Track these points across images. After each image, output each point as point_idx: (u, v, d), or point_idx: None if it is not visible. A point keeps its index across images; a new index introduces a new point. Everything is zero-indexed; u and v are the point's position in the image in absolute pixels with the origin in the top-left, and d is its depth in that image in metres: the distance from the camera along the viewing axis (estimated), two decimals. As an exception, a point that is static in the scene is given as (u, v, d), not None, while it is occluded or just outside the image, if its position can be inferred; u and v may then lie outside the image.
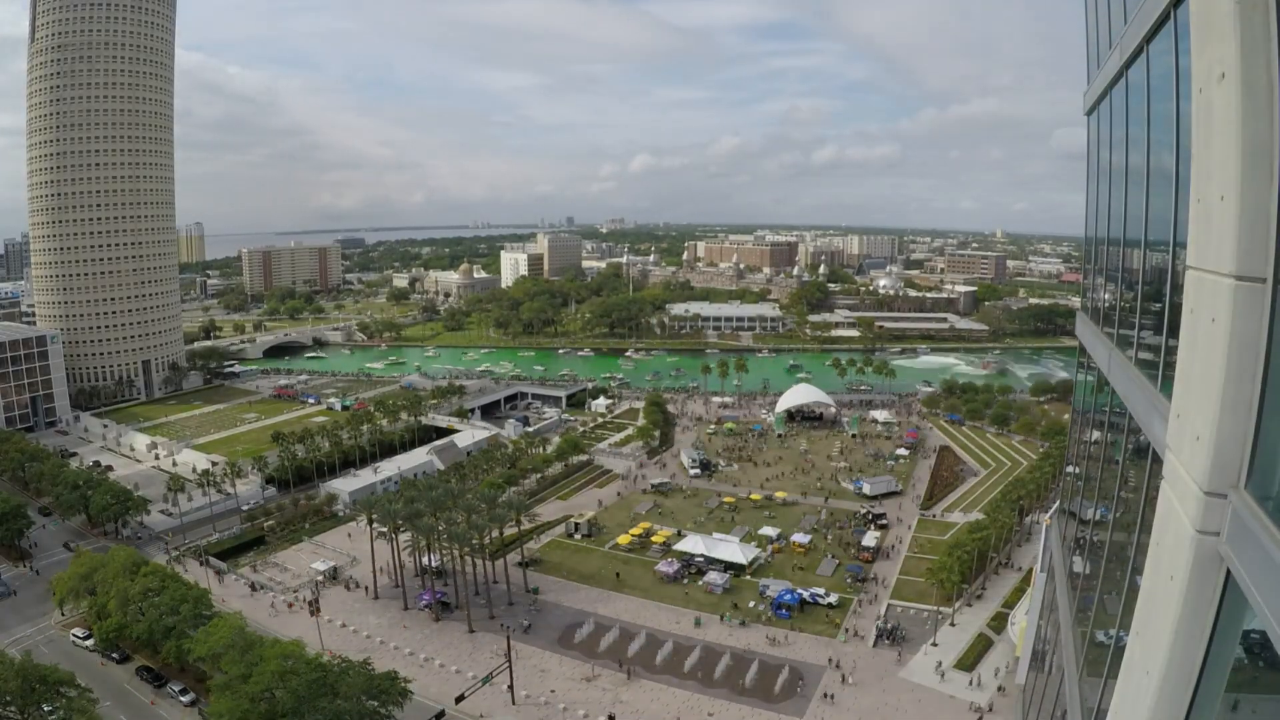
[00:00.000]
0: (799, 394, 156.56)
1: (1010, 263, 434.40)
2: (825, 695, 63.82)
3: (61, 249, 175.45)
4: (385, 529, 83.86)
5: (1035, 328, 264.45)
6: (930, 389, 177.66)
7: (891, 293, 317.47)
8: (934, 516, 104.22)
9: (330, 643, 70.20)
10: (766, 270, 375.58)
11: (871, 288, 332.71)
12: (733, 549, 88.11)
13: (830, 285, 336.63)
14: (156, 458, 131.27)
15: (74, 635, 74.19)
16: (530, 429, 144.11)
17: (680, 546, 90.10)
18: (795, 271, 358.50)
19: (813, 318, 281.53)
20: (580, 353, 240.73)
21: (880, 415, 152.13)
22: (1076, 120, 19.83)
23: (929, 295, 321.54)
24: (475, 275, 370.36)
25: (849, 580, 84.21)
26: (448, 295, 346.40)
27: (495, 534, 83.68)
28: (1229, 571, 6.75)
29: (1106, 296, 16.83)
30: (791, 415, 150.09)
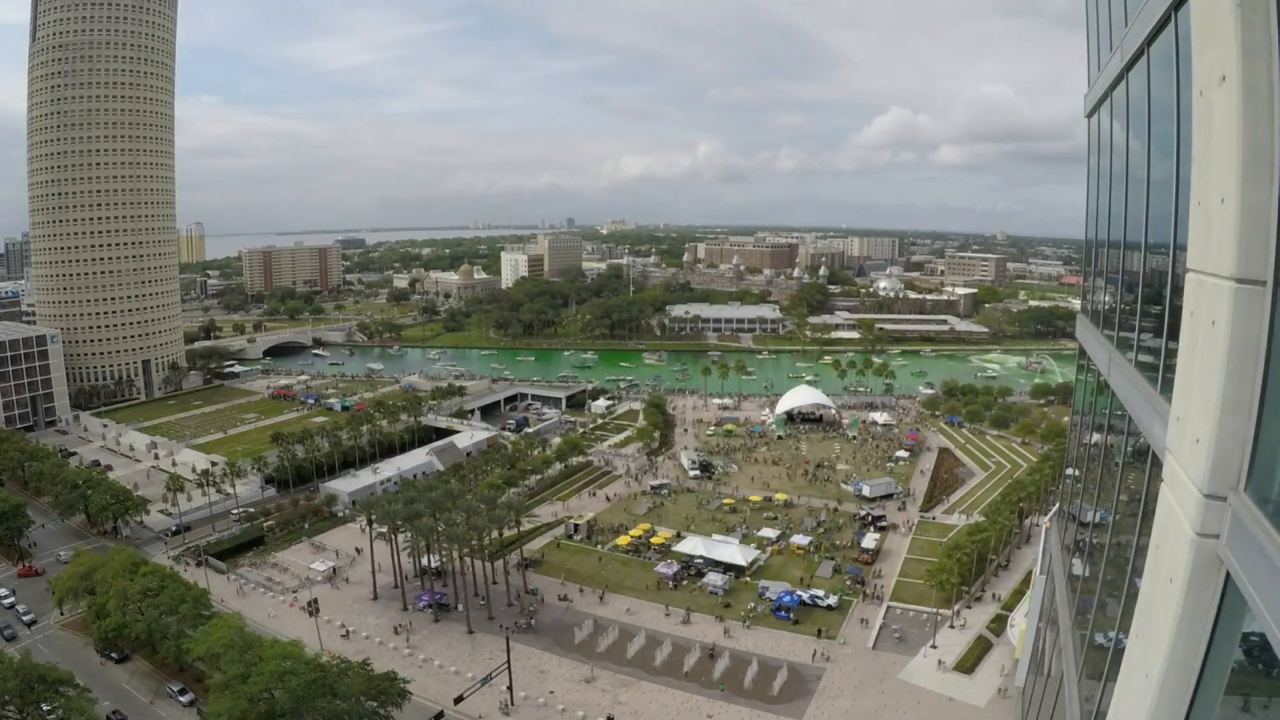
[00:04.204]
0: (799, 396, 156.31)
1: (1010, 265, 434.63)
2: (824, 697, 63.68)
3: (61, 248, 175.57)
4: (384, 530, 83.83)
5: (1035, 330, 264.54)
6: (930, 391, 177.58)
7: (892, 295, 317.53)
8: (934, 518, 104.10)
9: (329, 643, 70.10)
10: (767, 272, 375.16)
11: (872, 290, 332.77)
12: (732, 551, 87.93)
13: (830, 287, 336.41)
14: (156, 458, 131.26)
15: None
16: (530, 429, 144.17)
17: (680, 548, 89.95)
18: (795, 273, 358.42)
19: (813, 319, 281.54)
20: (585, 354, 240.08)
21: (880, 417, 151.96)
22: (1078, 123, 19.88)
23: (929, 297, 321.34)
24: (476, 276, 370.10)
25: (848, 582, 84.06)
26: (448, 296, 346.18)
27: (494, 535, 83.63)
28: (1228, 574, 6.75)
29: (1107, 299, 16.84)
30: (791, 417, 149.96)
